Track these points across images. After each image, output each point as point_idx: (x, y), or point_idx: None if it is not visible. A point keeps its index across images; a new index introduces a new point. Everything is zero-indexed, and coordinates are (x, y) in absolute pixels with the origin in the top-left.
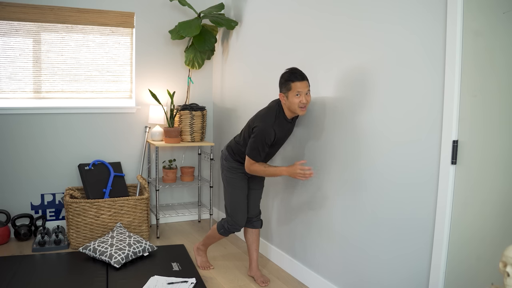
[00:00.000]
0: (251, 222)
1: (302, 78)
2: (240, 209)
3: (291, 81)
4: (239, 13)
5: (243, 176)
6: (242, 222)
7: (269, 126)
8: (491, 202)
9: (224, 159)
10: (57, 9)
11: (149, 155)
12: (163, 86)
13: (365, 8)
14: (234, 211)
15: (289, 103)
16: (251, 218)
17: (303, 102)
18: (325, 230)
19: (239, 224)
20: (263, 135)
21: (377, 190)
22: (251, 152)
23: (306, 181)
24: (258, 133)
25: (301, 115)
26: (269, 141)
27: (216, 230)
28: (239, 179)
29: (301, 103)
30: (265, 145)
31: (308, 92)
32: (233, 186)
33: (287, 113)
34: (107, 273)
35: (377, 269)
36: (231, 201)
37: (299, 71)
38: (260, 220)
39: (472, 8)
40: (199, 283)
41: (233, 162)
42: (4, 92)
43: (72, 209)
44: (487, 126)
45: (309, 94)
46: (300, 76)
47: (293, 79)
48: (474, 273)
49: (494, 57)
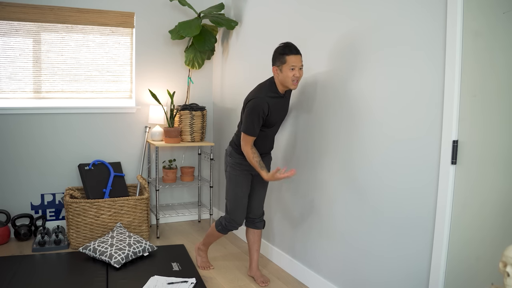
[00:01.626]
0: (253, 222)
1: (297, 52)
2: (240, 207)
3: (286, 54)
4: (239, 13)
5: (247, 173)
6: (241, 221)
7: (262, 98)
8: (491, 202)
9: (229, 155)
10: (57, 9)
11: (149, 155)
12: (163, 86)
13: (365, 7)
14: (234, 208)
15: (283, 76)
16: (254, 219)
17: (297, 76)
18: (325, 230)
19: (237, 222)
20: (256, 108)
21: (377, 190)
22: (246, 126)
23: (306, 181)
24: (251, 106)
25: (293, 90)
26: (263, 113)
27: (214, 227)
28: (242, 176)
29: (295, 76)
30: (260, 117)
31: (301, 67)
32: (235, 183)
33: (279, 88)
34: (107, 273)
35: (377, 269)
36: (231, 199)
37: (294, 46)
38: (263, 221)
39: (472, 8)
40: (199, 283)
41: (237, 157)
42: (4, 92)
43: (72, 209)
44: (487, 126)
45: (302, 69)
46: (295, 50)
47: (288, 52)
48: (474, 273)
49: (494, 57)
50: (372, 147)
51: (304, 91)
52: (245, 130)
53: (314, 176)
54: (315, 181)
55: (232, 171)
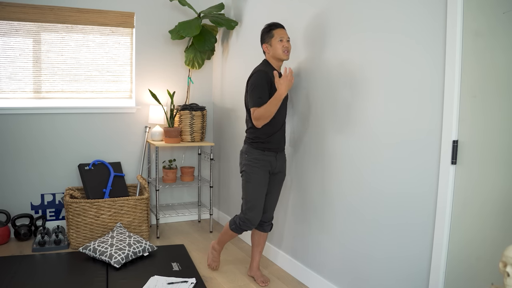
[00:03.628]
0: (262, 225)
1: (282, 26)
2: (257, 207)
3: (272, 29)
4: (239, 13)
5: (265, 170)
6: (256, 221)
7: (262, 71)
8: (491, 202)
9: (245, 153)
10: (57, 9)
11: (149, 155)
12: (163, 86)
13: (365, 5)
14: (250, 208)
15: (273, 50)
16: (264, 222)
17: (286, 46)
18: (325, 229)
19: (252, 222)
20: (259, 79)
21: (377, 190)
22: (253, 100)
23: (306, 181)
24: (253, 80)
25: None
26: (267, 82)
27: (228, 226)
28: (261, 173)
29: (284, 47)
30: (265, 86)
31: (288, 39)
32: (254, 182)
33: (273, 64)
34: (107, 273)
35: (377, 269)
36: (249, 198)
37: (278, 22)
38: (271, 225)
39: (472, 8)
40: (199, 283)
41: (254, 152)
42: (4, 92)
43: (72, 209)
44: (487, 126)
45: (289, 42)
46: (280, 25)
47: (273, 27)
48: (474, 273)
49: (494, 57)
50: (372, 147)
51: (309, 94)
52: (253, 105)
53: (314, 176)
54: (316, 181)
55: (249, 169)
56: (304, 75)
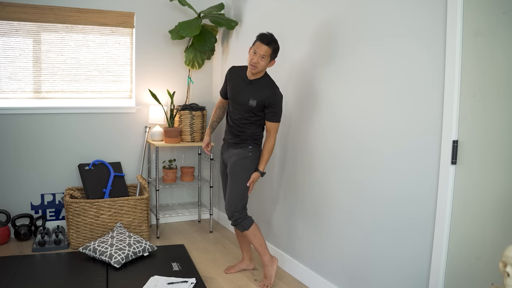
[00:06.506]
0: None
1: (266, 43)
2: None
3: (257, 39)
4: (239, 13)
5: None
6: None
7: (231, 68)
8: (491, 202)
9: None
10: (57, 9)
11: (149, 155)
12: (163, 86)
13: (365, 5)
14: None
15: (248, 57)
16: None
17: (254, 61)
18: (325, 230)
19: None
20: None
21: (377, 190)
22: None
23: (306, 181)
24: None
25: (249, 76)
26: (226, 76)
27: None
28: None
29: (252, 61)
30: (225, 79)
31: (263, 57)
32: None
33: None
34: (107, 273)
35: (377, 269)
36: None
37: (270, 37)
38: (235, 222)
39: (472, 8)
40: (199, 283)
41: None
42: (4, 92)
43: (72, 209)
44: (487, 126)
45: (264, 60)
46: (266, 40)
47: (258, 39)
48: (474, 273)
49: (494, 57)
50: (372, 147)
51: (307, 93)
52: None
53: (314, 177)
54: (316, 182)
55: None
56: (302, 75)
